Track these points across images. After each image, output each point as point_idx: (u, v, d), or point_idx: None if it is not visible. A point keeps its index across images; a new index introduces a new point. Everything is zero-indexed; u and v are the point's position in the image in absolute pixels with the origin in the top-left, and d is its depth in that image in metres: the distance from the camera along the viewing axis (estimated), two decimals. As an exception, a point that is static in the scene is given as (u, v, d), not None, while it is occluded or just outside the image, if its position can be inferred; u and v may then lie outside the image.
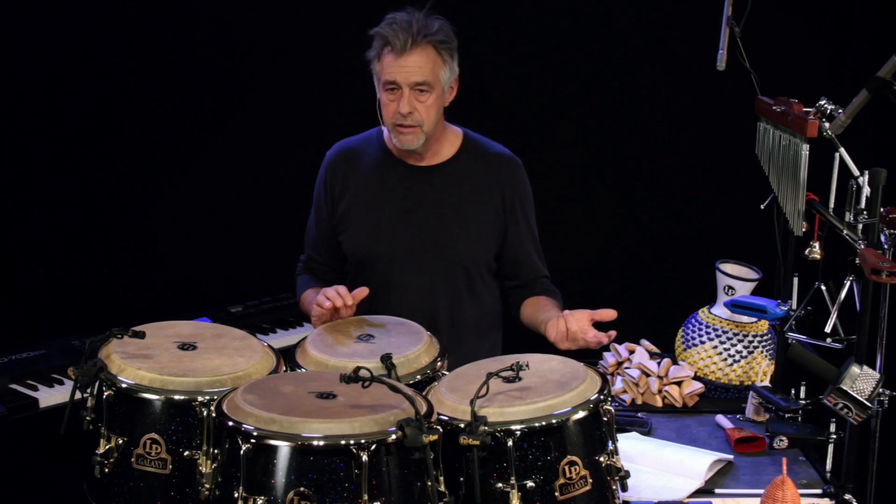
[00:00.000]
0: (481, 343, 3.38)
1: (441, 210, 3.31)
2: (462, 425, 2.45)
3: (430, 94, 3.21)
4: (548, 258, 3.47)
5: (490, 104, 4.34)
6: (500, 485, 2.46)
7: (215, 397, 2.53)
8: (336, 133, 3.54)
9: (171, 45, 4.18)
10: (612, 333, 2.96)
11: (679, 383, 3.41)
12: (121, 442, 2.56)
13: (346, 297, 3.05)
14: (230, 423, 2.39)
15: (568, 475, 2.48)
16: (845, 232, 2.87)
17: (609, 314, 2.96)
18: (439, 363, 2.86)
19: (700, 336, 3.46)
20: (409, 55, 3.16)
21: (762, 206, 3.24)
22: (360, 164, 3.37)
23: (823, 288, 3.08)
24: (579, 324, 2.98)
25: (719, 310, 3.47)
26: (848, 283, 2.90)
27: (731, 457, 3.05)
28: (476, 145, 3.39)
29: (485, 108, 4.33)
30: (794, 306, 3.19)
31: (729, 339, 3.43)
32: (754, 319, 3.41)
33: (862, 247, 2.76)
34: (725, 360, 3.42)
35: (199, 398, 2.55)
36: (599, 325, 3.00)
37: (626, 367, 3.47)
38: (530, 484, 2.46)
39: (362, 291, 3.08)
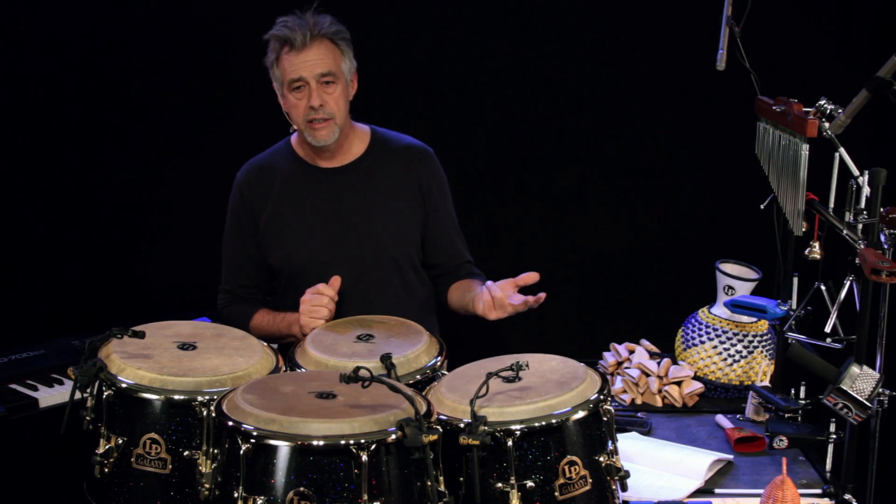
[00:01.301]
0: None
1: (361, 208, 3.35)
2: (462, 425, 2.45)
3: (337, 86, 3.27)
4: (547, 259, 3.47)
5: (490, 104, 4.34)
6: (499, 485, 2.46)
7: (215, 397, 2.53)
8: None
9: (172, 44, 4.18)
10: (542, 295, 2.98)
11: (679, 383, 3.41)
12: (121, 442, 2.56)
13: (329, 290, 3.12)
14: (230, 423, 2.39)
15: (568, 475, 2.48)
16: (845, 232, 2.87)
17: (531, 277, 2.99)
18: (439, 363, 2.86)
19: (700, 336, 3.46)
20: (308, 49, 3.24)
21: (762, 206, 3.24)
22: (273, 177, 3.40)
23: (823, 288, 3.08)
24: (504, 290, 3.02)
25: (719, 310, 3.47)
26: (848, 283, 2.90)
27: (731, 457, 3.05)
28: (385, 140, 3.43)
29: (484, 108, 4.33)
30: (794, 306, 3.19)
31: (729, 339, 3.43)
32: (754, 319, 3.41)
33: (862, 247, 2.76)
34: (725, 360, 3.42)
35: (199, 398, 2.55)
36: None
37: (626, 367, 3.47)
38: (530, 484, 2.46)
39: (336, 280, 3.15)
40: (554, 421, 2.48)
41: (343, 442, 2.31)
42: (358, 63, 3.38)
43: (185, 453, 2.54)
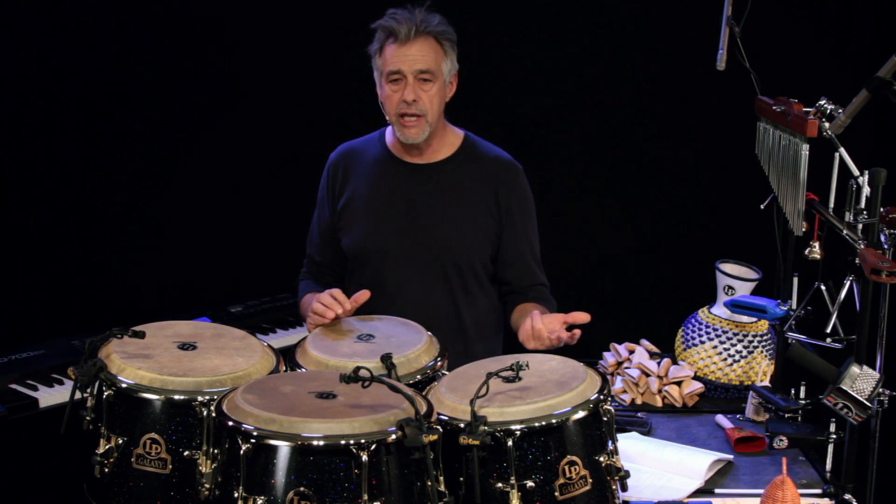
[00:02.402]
0: (477, 345, 3.35)
1: (434, 208, 3.32)
2: (462, 425, 2.45)
3: (434, 84, 3.25)
4: (548, 258, 3.46)
5: (490, 105, 4.34)
6: (499, 485, 2.46)
7: (215, 397, 2.53)
8: (337, 134, 3.54)
9: (172, 44, 4.18)
10: (577, 333, 2.95)
11: (679, 383, 3.41)
12: (121, 442, 2.56)
13: (345, 303, 3.04)
14: (230, 423, 2.39)
15: (568, 475, 2.48)
16: (845, 232, 2.87)
17: (581, 317, 2.94)
18: (439, 363, 2.86)
19: (700, 336, 3.46)
20: (412, 44, 3.21)
21: (762, 206, 3.24)
22: (361, 163, 3.39)
23: (823, 288, 3.08)
24: (546, 323, 2.96)
25: (719, 310, 3.47)
26: (848, 283, 2.90)
27: (730, 457, 3.05)
28: (475, 147, 3.40)
29: (484, 109, 4.33)
30: (794, 306, 3.19)
31: (729, 339, 3.43)
32: (754, 319, 3.41)
33: (862, 247, 2.76)
34: (725, 360, 3.42)
35: (199, 398, 2.54)
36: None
37: (626, 367, 3.47)
38: (530, 484, 2.46)
39: (364, 294, 3.07)
40: (554, 421, 2.48)
41: (343, 442, 2.31)
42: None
43: (186, 453, 2.54)
